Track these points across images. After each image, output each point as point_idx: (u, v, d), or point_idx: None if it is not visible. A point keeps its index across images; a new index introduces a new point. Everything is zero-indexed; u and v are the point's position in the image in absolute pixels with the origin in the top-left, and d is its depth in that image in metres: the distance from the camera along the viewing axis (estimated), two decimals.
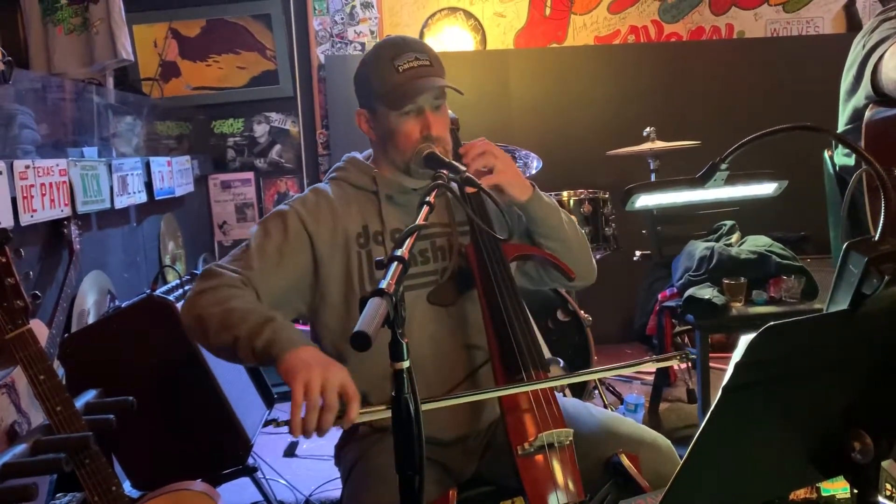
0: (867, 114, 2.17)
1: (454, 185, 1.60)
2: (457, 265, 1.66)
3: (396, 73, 1.57)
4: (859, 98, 2.22)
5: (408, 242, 1.17)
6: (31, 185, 2.35)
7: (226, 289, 1.50)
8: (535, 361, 1.52)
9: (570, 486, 1.39)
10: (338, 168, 1.75)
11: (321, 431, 1.27)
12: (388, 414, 1.13)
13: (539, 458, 1.42)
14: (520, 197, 1.62)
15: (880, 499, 0.99)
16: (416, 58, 1.58)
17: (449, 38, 4.68)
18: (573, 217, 1.78)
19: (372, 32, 4.63)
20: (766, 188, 1.76)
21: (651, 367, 1.55)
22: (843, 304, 0.92)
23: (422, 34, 4.66)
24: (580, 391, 2.99)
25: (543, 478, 1.40)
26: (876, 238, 0.96)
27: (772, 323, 0.83)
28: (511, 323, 1.55)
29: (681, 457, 1.15)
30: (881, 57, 2.12)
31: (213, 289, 1.50)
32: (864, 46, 2.21)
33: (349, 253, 1.61)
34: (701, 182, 1.33)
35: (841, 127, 2.37)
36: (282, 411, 3.80)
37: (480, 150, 1.60)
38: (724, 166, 1.31)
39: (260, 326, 1.39)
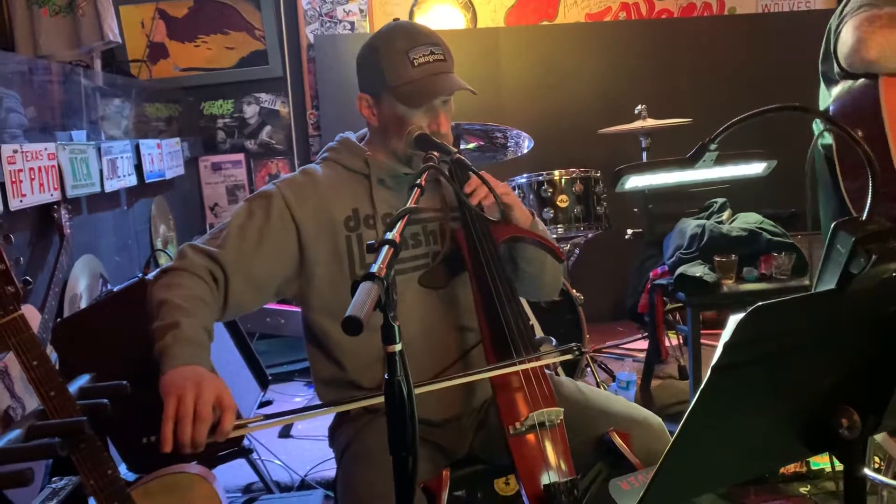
0: (838, 88, 2.18)
1: (445, 169, 1.60)
2: (448, 249, 1.66)
3: (411, 67, 1.54)
4: (831, 73, 2.24)
5: (399, 225, 1.17)
6: (20, 170, 2.33)
7: (181, 275, 1.50)
8: (525, 342, 1.53)
9: (562, 465, 1.40)
10: (330, 148, 1.73)
11: (196, 444, 1.26)
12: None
13: (530, 437, 1.43)
14: (523, 222, 1.64)
15: (867, 471, 1.00)
16: (432, 51, 1.56)
17: (439, 16, 4.64)
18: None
19: (361, 11, 4.58)
20: (756, 168, 1.77)
21: (547, 360, 1.58)
22: (830, 284, 0.92)
23: (412, 13, 4.62)
24: (572, 369, 3.01)
25: (535, 457, 1.41)
26: (863, 217, 0.96)
27: (760, 303, 0.83)
28: (501, 304, 1.56)
29: (672, 434, 1.16)
30: (839, 33, 2.13)
31: (171, 272, 1.51)
32: (835, 23, 2.22)
33: (337, 236, 1.60)
34: (690, 163, 1.33)
35: (821, 105, 2.37)
36: (276, 392, 3.80)
37: (488, 182, 1.55)
38: (713, 146, 1.30)
39: (166, 329, 1.38)
